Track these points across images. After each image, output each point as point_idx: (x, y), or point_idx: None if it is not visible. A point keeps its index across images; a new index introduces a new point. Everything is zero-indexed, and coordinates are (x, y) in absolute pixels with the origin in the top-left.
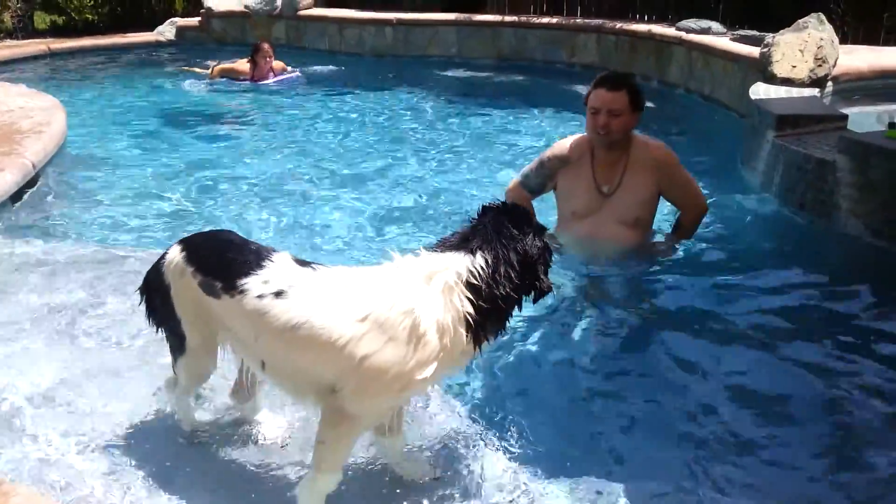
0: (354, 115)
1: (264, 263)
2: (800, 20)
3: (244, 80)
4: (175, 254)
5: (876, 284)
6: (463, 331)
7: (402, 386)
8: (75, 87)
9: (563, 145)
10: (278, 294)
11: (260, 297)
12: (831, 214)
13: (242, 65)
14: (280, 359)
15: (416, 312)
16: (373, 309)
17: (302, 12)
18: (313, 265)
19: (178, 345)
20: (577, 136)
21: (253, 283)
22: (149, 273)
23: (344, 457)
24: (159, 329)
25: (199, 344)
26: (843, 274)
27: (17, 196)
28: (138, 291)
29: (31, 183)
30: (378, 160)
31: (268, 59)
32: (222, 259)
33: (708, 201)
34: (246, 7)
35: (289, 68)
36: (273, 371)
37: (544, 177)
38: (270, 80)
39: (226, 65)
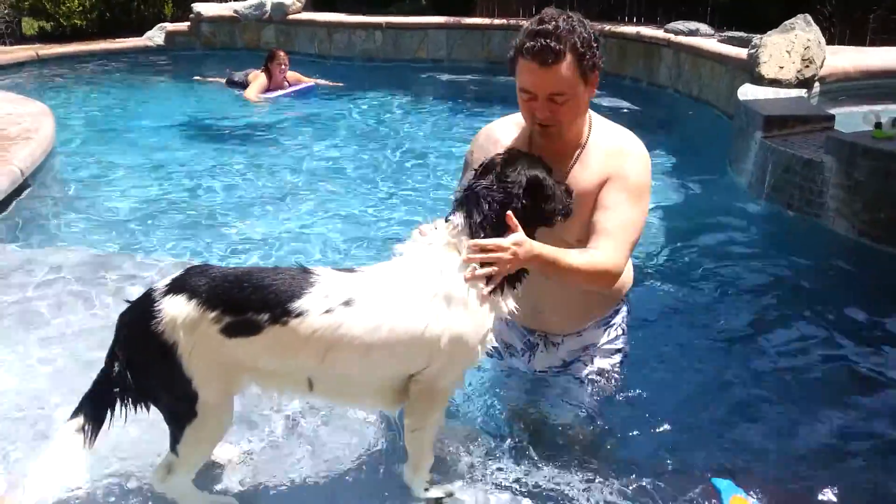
0: (349, 121)
1: (313, 280)
2: (787, 21)
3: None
4: (181, 306)
5: (863, 282)
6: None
7: (480, 347)
8: (64, 93)
9: (488, 133)
10: (348, 303)
11: (328, 311)
12: (819, 214)
13: (255, 76)
14: (353, 367)
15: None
16: (438, 286)
17: (291, 16)
18: (356, 269)
19: (184, 411)
20: (507, 118)
21: (312, 302)
22: (132, 342)
23: (437, 431)
24: (151, 402)
25: (215, 399)
26: (830, 273)
27: (5, 203)
28: (112, 370)
29: (19, 190)
30: (369, 166)
31: (283, 66)
32: (258, 291)
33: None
34: (235, 12)
35: (304, 78)
36: (332, 385)
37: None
38: (283, 92)
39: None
